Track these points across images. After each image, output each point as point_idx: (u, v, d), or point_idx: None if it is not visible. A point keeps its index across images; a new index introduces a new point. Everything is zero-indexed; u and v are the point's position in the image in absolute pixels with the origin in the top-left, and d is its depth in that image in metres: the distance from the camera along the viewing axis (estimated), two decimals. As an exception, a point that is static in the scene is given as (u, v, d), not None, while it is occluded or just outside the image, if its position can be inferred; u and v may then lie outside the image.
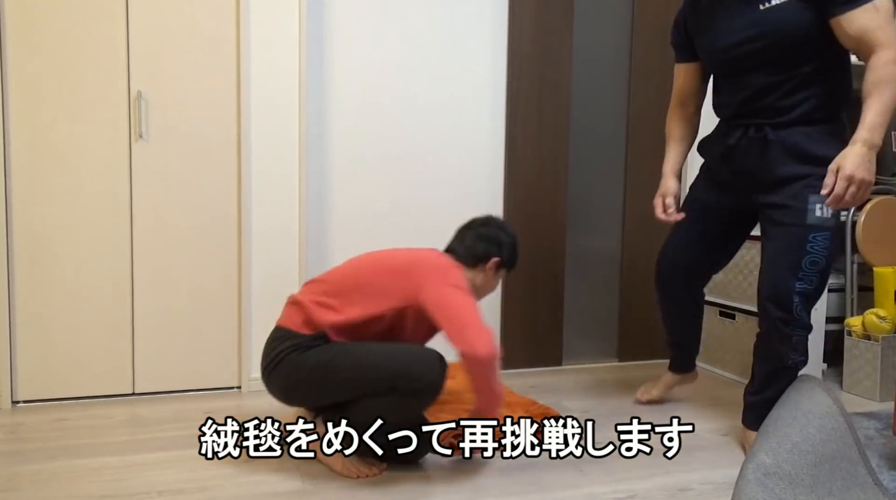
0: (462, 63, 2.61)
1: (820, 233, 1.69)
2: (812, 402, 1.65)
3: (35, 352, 2.19)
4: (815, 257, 1.70)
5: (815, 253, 1.70)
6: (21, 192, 2.15)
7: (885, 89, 1.54)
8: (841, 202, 1.57)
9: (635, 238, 2.90)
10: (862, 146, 1.54)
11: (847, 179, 1.54)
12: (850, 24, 1.59)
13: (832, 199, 1.58)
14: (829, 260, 1.71)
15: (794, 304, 1.72)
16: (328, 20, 2.45)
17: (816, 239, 1.70)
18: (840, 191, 1.55)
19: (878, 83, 1.54)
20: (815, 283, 1.72)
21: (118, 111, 2.21)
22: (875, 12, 1.57)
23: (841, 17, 1.60)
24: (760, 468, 1.44)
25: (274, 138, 2.36)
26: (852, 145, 1.56)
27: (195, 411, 2.16)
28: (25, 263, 2.16)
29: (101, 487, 1.59)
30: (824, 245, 1.69)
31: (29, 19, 2.11)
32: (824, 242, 1.69)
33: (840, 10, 1.60)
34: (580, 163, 2.82)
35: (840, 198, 1.56)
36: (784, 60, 1.70)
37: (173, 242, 2.29)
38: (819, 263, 1.70)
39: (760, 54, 1.72)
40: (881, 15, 1.57)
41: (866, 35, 1.58)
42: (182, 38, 2.24)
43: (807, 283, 1.71)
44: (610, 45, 2.82)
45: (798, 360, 1.79)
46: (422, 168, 2.60)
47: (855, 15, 1.58)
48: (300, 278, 2.41)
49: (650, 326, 2.94)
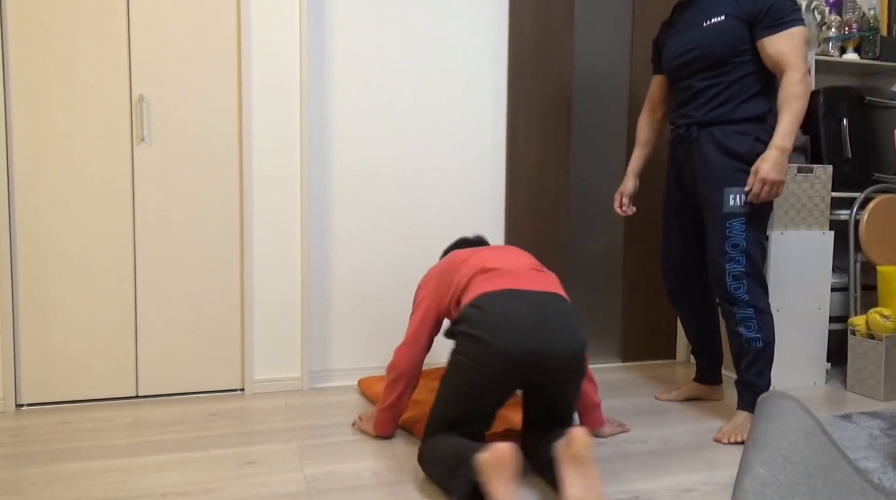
0: (462, 64, 2.61)
1: (735, 219, 1.98)
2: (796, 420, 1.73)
3: (39, 355, 2.20)
4: (734, 240, 1.98)
5: (733, 236, 1.98)
6: (24, 195, 2.15)
7: (794, 104, 1.86)
8: (759, 198, 1.90)
9: (638, 239, 2.90)
10: (776, 151, 1.87)
11: (762, 181, 1.88)
12: (770, 47, 1.92)
13: (751, 196, 1.91)
14: (749, 242, 1.98)
15: (728, 283, 2.00)
16: (328, 23, 2.46)
17: (733, 225, 1.98)
18: (757, 190, 1.89)
19: (788, 99, 1.87)
20: (743, 262, 1.98)
21: (120, 114, 2.21)
22: (790, 38, 1.89)
23: (763, 39, 1.93)
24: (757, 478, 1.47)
25: (275, 140, 2.37)
26: (768, 151, 1.88)
27: (198, 413, 2.16)
28: (29, 266, 2.17)
29: (104, 490, 1.59)
30: (741, 229, 1.98)
31: (31, 24, 2.11)
32: (740, 226, 1.98)
33: (763, 34, 1.93)
34: (582, 164, 2.82)
35: (757, 195, 1.90)
36: (715, 68, 2.00)
37: (176, 245, 2.29)
38: (740, 244, 1.98)
39: (697, 62, 2.03)
40: (795, 40, 1.89)
41: (781, 57, 1.90)
42: (183, 41, 2.24)
43: (734, 263, 1.99)
44: (611, 44, 2.82)
45: (749, 336, 1.99)
46: (423, 171, 2.60)
47: (773, 39, 1.91)
48: (302, 280, 2.41)
49: (653, 326, 2.94)
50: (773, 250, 2.49)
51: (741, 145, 1.98)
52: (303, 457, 1.81)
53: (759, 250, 2.00)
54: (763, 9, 1.91)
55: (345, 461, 1.79)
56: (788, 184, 2.51)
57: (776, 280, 2.50)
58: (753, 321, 1.99)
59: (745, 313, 1.99)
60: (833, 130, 2.70)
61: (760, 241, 2.00)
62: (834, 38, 2.88)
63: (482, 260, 1.78)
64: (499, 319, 1.56)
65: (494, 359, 1.54)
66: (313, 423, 2.08)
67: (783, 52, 1.89)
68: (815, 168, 2.54)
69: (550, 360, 1.56)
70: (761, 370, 2.01)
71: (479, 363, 1.56)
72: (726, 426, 2.01)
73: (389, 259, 2.59)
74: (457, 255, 1.88)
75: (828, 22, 2.90)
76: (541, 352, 1.55)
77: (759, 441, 1.67)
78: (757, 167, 1.88)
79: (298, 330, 2.44)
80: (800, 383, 2.57)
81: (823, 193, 2.55)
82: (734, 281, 1.99)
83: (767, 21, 1.91)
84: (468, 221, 2.66)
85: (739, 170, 1.97)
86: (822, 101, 2.70)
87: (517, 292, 1.64)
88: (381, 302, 2.59)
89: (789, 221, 2.52)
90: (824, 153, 2.69)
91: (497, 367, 1.55)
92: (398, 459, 1.81)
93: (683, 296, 2.27)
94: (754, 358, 2.00)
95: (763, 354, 2.00)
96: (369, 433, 1.98)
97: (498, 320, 1.56)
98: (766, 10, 1.91)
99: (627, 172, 2.35)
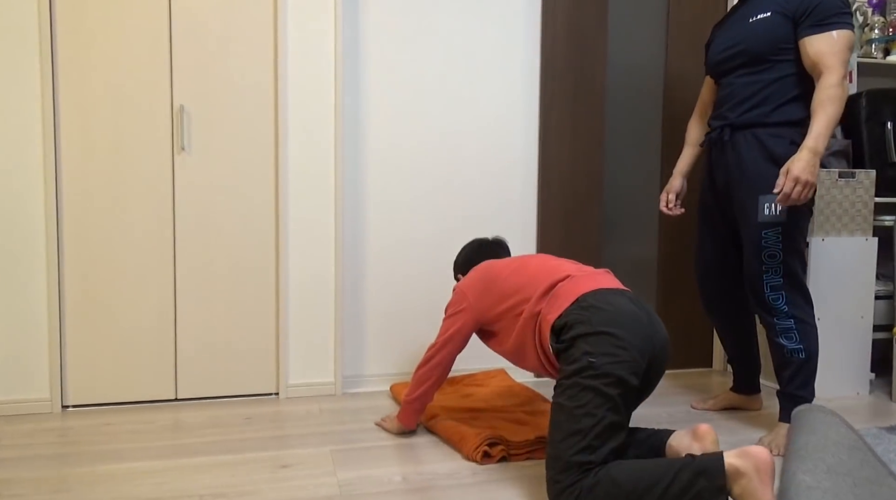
0: (494, 68, 2.62)
1: (770, 229, 1.92)
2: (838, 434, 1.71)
3: (84, 359, 2.27)
4: (770, 251, 1.93)
5: (769, 247, 1.93)
6: (71, 203, 2.23)
7: (829, 107, 1.80)
8: (788, 200, 1.81)
9: (673, 244, 2.86)
10: (808, 153, 1.79)
11: (794, 180, 1.79)
12: (811, 46, 1.85)
13: (781, 197, 1.81)
14: (786, 252, 1.92)
15: (766, 294, 1.95)
16: (363, 32, 2.49)
17: (768, 235, 1.92)
18: (788, 190, 1.80)
19: (824, 101, 1.80)
20: (781, 273, 1.93)
21: (162, 124, 2.28)
22: (832, 40, 1.82)
23: (805, 39, 1.86)
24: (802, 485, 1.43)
25: (311, 149, 2.41)
26: (800, 152, 1.80)
27: (234, 416, 2.21)
28: (75, 273, 2.24)
29: (145, 490, 1.64)
30: (776, 239, 1.92)
31: (79, 39, 2.19)
32: (776, 236, 1.92)
33: (805, 33, 1.86)
34: (615, 169, 2.80)
35: (788, 196, 1.81)
36: (753, 65, 1.95)
37: (214, 252, 2.35)
38: (776, 255, 1.92)
39: (736, 58, 1.98)
40: (837, 43, 1.82)
41: (820, 58, 1.83)
42: (222, 53, 2.30)
43: (772, 274, 1.94)
44: (645, 48, 2.79)
45: (791, 348, 1.93)
46: (455, 176, 2.61)
47: (814, 39, 1.85)
48: (336, 287, 2.44)
49: (688, 333, 2.89)
50: (813, 256, 2.43)
51: (777, 147, 1.91)
52: (336, 461, 1.83)
53: (798, 259, 1.94)
54: (809, 7, 1.84)
55: (377, 466, 1.80)
56: (829, 189, 2.45)
57: (817, 288, 2.44)
58: (794, 332, 1.94)
59: (785, 323, 1.94)
60: (876, 134, 2.63)
61: (798, 249, 1.94)
62: (877, 40, 2.81)
63: (549, 270, 1.70)
64: (620, 313, 1.51)
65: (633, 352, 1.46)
66: (346, 427, 2.11)
67: (822, 54, 1.82)
68: (857, 173, 2.47)
69: (661, 351, 1.54)
70: (804, 382, 1.95)
71: (616, 358, 1.44)
72: (767, 436, 1.97)
73: (422, 266, 2.60)
74: (496, 266, 1.84)
75: (871, 23, 2.83)
76: (655, 344, 1.52)
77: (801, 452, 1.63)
78: (788, 167, 1.80)
79: (332, 336, 2.47)
80: (842, 393, 2.49)
81: (866, 198, 2.48)
82: (772, 292, 1.94)
83: (812, 20, 1.85)
84: (500, 227, 2.66)
85: (774, 177, 1.91)
86: (864, 104, 2.63)
87: (611, 290, 1.59)
88: (414, 308, 2.60)
89: (830, 228, 2.45)
90: (867, 157, 2.62)
91: (635, 360, 1.46)
92: (430, 465, 1.82)
93: (718, 304, 2.22)
94: (797, 369, 1.95)
95: (806, 365, 1.95)
96: (392, 430, 2.03)
97: (620, 314, 1.51)
98: (812, 8, 1.84)
99: (675, 172, 2.30)
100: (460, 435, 1.90)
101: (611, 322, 1.49)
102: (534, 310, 1.66)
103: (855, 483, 1.47)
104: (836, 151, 2.59)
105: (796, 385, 1.95)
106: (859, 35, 2.84)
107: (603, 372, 1.44)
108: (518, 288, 1.72)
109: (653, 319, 1.57)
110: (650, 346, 1.51)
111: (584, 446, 1.39)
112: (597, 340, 1.48)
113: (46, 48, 2.15)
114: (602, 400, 1.42)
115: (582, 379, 1.45)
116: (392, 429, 2.04)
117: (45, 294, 2.21)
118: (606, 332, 1.48)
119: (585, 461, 1.38)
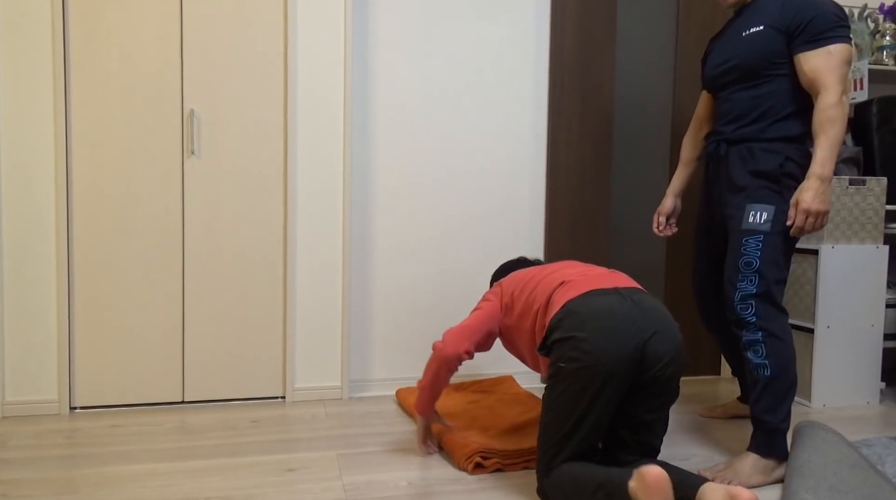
0: (503, 75, 2.62)
1: (752, 236, 1.82)
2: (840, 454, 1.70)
3: (92, 361, 2.28)
4: (748, 258, 1.82)
5: (747, 254, 1.82)
6: (82, 206, 2.25)
7: (830, 129, 1.71)
8: (802, 232, 1.75)
9: (680, 251, 2.85)
10: (815, 180, 1.71)
11: (805, 212, 1.72)
12: (806, 63, 1.76)
13: (794, 229, 1.75)
14: (763, 261, 1.80)
15: (736, 303, 1.84)
16: (372, 39, 2.50)
17: (749, 242, 1.82)
18: (800, 223, 1.73)
19: (825, 123, 1.72)
20: (756, 283, 1.81)
21: (172, 129, 2.30)
22: (827, 56, 1.73)
23: (800, 55, 1.78)
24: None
25: (319, 153, 2.42)
26: (807, 180, 1.73)
27: (241, 419, 2.21)
28: (84, 275, 2.26)
29: (151, 492, 1.65)
30: (756, 246, 1.81)
31: (92, 45, 2.22)
32: (756, 243, 1.81)
33: (800, 49, 1.78)
34: (624, 175, 2.79)
35: (801, 229, 1.74)
36: (748, 80, 1.87)
37: (221, 256, 2.36)
38: (753, 263, 1.81)
39: (731, 73, 1.91)
40: (833, 59, 1.73)
41: (816, 75, 1.74)
42: (232, 58, 2.32)
43: (746, 283, 1.82)
44: (654, 55, 2.79)
45: (756, 362, 1.79)
46: (463, 182, 2.61)
47: (810, 56, 1.76)
48: (343, 291, 2.45)
49: (696, 341, 2.88)
50: (823, 264, 2.41)
51: (767, 163, 1.82)
52: (342, 466, 1.83)
53: (776, 270, 1.81)
54: (803, 21, 1.76)
55: (383, 471, 1.80)
56: (840, 196, 2.43)
57: (826, 295, 2.42)
58: (761, 345, 1.79)
59: (752, 336, 1.80)
60: (887, 141, 2.61)
61: (777, 261, 1.81)
62: (888, 47, 2.79)
63: (556, 277, 1.73)
64: (592, 317, 1.51)
65: (601, 354, 1.47)
66: (352, 432, 2.11)
67: (819, 71, 1.73)
68: (868, 180, 2.45)
69: (658, 345, 1.50)
70: (772, 405, 1.77)
71: (582, 362, 1.48)
72: (723, 464, 1.83)
73: (429, 271, 2.60)
74: (522, 274, 1.85)
75: (882, 30, 2.81)
76: (645, 344, 1.49)
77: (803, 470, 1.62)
78: (798, 198, 1.72)
79: (339, 340, 2.47)
80: (852, 402, 2.47)
81: (877, 205, 2.47)
82: (742, 302, 1.82)
83: (806, 35, 1.76)
84: (508, 233, 2.66)
85: (764, 187, 1.82)
86: (875, 111, 2.61)
87: (600, 290, 1.60)
88: (420, 313, 2.60)
89: (840, 235, 2.44)
90: (878, 165, 2.61)
91: (604, 362, 1.47)
92: (436, 470, 1.82)
93: (715, 318, 2.17)
94: (763, 389, 1.78)
95: (772, 385, 1.77)
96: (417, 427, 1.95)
97: (591, 318, 1.51)
98: (806, 24, 1.75)
99: (667, 192, 2.25)
100: (453, 444, 1.90)
101: (582, 325, 1.52)
102: (538, 320, 1.71)
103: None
104: (847, 158, 2.58)
105: (762, 408, 1.78)
106: (870, 42, 2.83)
107: (571, 376, 1.51)
108: (538, 295, 1.75)
109: (650, 319, 1.54)
110: (629, 344, 1.49)
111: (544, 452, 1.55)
112: (563, 345, 1.53)
113: (59, 53, 2.17)
114: (574, 403, 1.51)
115: (554, 383, 1.55)
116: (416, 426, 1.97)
117: (54, 296, 2.23)
118: (573, 336, 1.52)
119: (553, 460, 1.53)
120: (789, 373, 1.78)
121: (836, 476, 1.57)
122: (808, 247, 2.46)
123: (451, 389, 2.48)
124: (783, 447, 1.78)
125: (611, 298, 1.57)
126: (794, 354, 1.81)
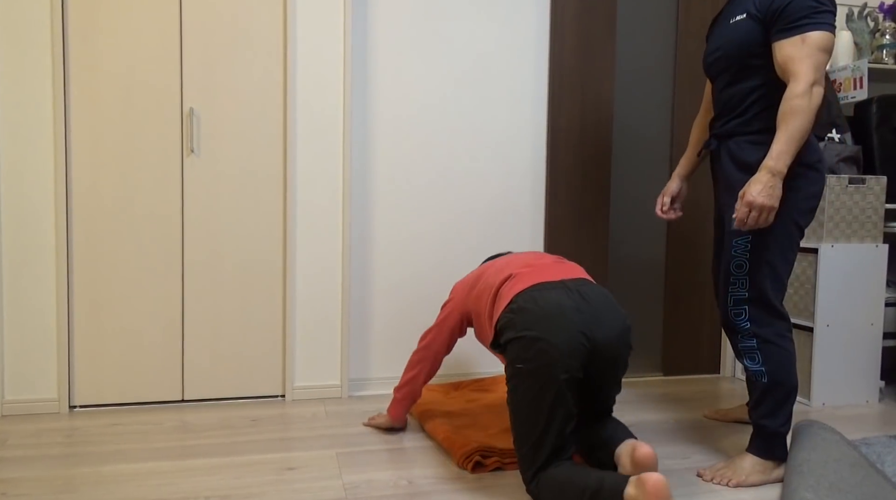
0: (503, 76, 2.62)
1: (740, 238, 1.77)
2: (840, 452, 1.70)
3: (91, 360, 2.28)
4: (738, 261, 1.78)
5: (737, 257, 1.78)
6: (81, 204, 2.25)
7: (792, 121, 1.61)
8: (745, 225, 1.65)
9: (680, 248, 2.85)
10: (766, 173, 1.62)
11: (748, 205, 1.62)
12: (779, 52, 1.67)
13: (737, 222, 1.66)
14: (754, 263, 1.75)
15: (729, 308, 1.80)
16: (371, 39, 2.50)
17: (738, 243, 1.77)
18: (742, 215, 1.64)
19: (786, 114, 1.62)
20: (747, 286, 1.76)
21: (172, 127, 2.29)
22: (800, 44, 1.64)
23: (775, 44, 1.69)
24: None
25: (319, 152, 2.42)
26: (759, 172, 1.63)
27: (240, 418, 2.21)
28: (84, 274, 2.26)
29: (151, 491, 1.64)
30: (745, 248, 1.76)
31: (91, 42, 2.21)
32: (744, 244, 1.76)
33: (775, 37, 1.69)
34: (623, 175, 2.79)
35: (743, 222, 1.64)
36: (733, 71, 1.81)
37: (221, 254, 2.36)
38: (743, 265, 1.77)
39: (718, 64, 1.85)
40: (806, 47, 1.63)
41: (788, 64, 1.65)
42: (232, 57, 2.32)
43: (738, 286, 1.78)
44: (653, 55, 2.79)
45: (754, 370, 1.77)
46: (463, 182, 2.61)
47: (784, 44, 1.66)
48: (343, 290, 2.45)
49: (696, 339, 2.88)
50: (822, 263, 2.41)
51: (751, 156, 1.75)
52: (341, 464, 1.83)
53: (768, 273, 1.74)
54: (779, 9, 1.66)
55: (383, 470, 1.80)
56: (839, 195, 2.43)
57: (826, 294, 2.42)
58: (757, 352, 1.75)
59: (747, 343, 1.77)
60: (887, 140, 2.61)
61: (770, 262, 1.74)
62: (888, 46, 2.79)
63: (502, 271, 1.79)
64: (543, 315, 1.54)
65: (555, 351, 1.50)
66: (352, 431, 2.11)
67: (790, 59, 1.63)
68: (867, 179, 2.45)
69: (610, 339, 1.55)
70: (771, 410, 1.74)
71: (539, 362, 1.50)
72: (722, 462, 1.82)
73: (429, 270, 2.60)
74: (485, 267, 1.93)
75: (882, 29, 2.81)
76: (593, 334, 1.54)
77: (803, 469, 1.62)
78: (744, 190, 1.63)
79: (338, 339, 2.47)
80: (851, 401, 2.47)
81: (877, 204, 2.47)
82: (735, 306, 1.77)
83: (781, 23, 1.66)
84: (508, 231, 2.66)
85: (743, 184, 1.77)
86: (875, 109, 2.61)
87: (547, 284, 1.64)
88: (420, 312, 2.60)
89: (840, 234, 2.44)
90: (878, 163, 2.61)
91: (559, 359, 1.49)
92: (436, 468, 1.82)
93: None
94: (762, 395, 1.76)
95: (771, 391, 1.74)
96: (382, 425, 2.09)
97: (542, 316, 1.54)
98: (780, 10, 1.66)
99: (674, 174, 2.17)
100: (451, 442, 1.90)
101: (534, 324, 1.54)
102: (488, 313, 1.76)
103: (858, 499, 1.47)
104: (846, 156, 2.57)
105: (761, 413, 1.76)
106: (870, 41, 2.83)
107: (531, 376, 1.53)
108: (486, 286, 1.80)
109: (595, 309, 1.58)
110: (584, 338, 1.54)
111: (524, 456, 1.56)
112: (520, 344, 1.55)
113: (58, 52, 2.17)
114: (538, 402, 1.52)
115: (516, 385, 1.56)
116: (382, 424, 2.08)
117: (53, 295, 2.23)
118: (529, 336, 1.53)
119: (534, 462, 1.54)
120: (789, 378, 1.74)
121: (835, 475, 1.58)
122: (807, 246, 2.46)
123: (451, 388, 2.49)
124: (783, 450, 1.77)
125: (559, 292, 1.60)
126: (794, 358, 1.77)
